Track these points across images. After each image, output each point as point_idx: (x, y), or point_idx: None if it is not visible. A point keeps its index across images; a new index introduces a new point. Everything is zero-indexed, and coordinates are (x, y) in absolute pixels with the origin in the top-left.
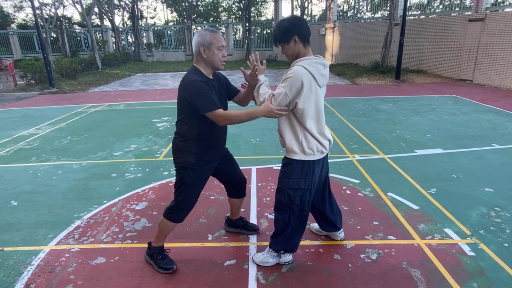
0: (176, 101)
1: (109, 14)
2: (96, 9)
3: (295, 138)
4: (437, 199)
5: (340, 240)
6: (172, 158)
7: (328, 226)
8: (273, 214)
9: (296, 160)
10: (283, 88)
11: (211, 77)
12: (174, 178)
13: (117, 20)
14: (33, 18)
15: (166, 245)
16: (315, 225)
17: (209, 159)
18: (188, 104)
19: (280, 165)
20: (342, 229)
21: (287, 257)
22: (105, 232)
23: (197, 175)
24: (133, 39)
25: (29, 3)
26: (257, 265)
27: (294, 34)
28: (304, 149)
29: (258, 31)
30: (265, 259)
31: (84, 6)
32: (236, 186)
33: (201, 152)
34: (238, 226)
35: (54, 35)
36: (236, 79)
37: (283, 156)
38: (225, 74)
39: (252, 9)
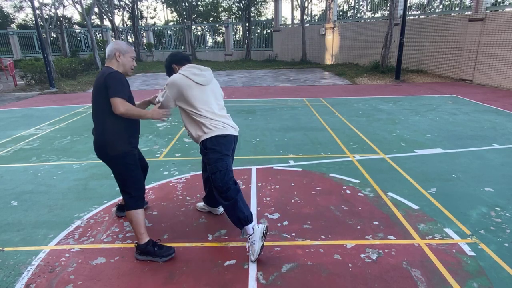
0: (92, 98)
1: (109, 14)
2: (96, 9)
3: (197, 125)
4: (437, 199)
5: (220, 214)
6: (172, 158)
7: (212, 202)
8: (273, 214)
9: (209, 147)
10: (165, 91)
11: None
12: (120, 173)
13: (117, 20)
14: (33, 18)
15: (166, 245)
16: (200, 204)
17: (136, 141)
18: (106, 95)
19: (280, 165)
20: None
21: (250, 230)
22: (105, 232)
23: (135, 157)
24: (133, 39)
25: (29, 3)
26: (257, 265)
27: (172, 63)
28: (209, 128)
29: (258, 31)
30: (253, 249)
31: (84, 6)
32: (144, 170)
33: (131, 138)
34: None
35: (54, 35)
36: (236, 79)
37: (283, 156)
38: (226, 74)
39: (252, 9)
